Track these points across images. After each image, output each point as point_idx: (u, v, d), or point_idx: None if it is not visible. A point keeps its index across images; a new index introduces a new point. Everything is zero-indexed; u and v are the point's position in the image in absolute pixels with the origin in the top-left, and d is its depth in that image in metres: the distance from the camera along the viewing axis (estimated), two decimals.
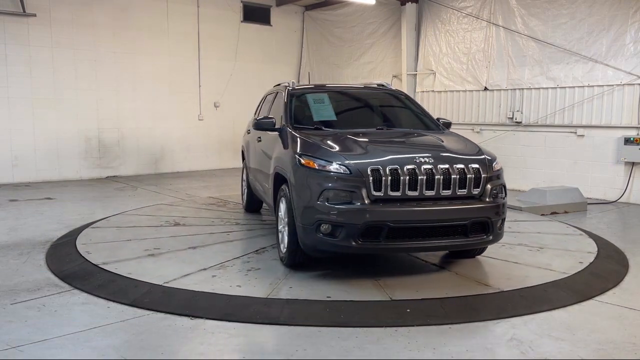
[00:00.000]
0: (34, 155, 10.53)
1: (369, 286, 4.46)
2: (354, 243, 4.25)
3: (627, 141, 8.45)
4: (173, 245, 5.64)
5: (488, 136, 10.35)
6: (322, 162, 4.45)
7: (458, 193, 4.43)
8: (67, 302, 4.12)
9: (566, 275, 4.74)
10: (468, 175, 4.44)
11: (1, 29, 9.97)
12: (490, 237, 4.58)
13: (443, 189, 4.38)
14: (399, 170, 4.31)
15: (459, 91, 10.96)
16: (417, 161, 4.38)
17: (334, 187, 4.31)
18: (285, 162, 4.91)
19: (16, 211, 7.66)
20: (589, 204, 8.27)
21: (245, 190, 7.49)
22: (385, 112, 6.27)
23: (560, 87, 9.34)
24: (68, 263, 5.07)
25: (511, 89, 10.05)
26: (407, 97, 6.51)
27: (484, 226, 4.51)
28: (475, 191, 4.49)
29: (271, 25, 13.67)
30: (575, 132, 9.20)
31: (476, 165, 4.52)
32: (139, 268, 4.83)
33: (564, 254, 5.47)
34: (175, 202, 8.30)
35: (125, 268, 4.80)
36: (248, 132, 7.32)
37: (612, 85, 8.69)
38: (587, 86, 8.99)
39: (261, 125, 5.53)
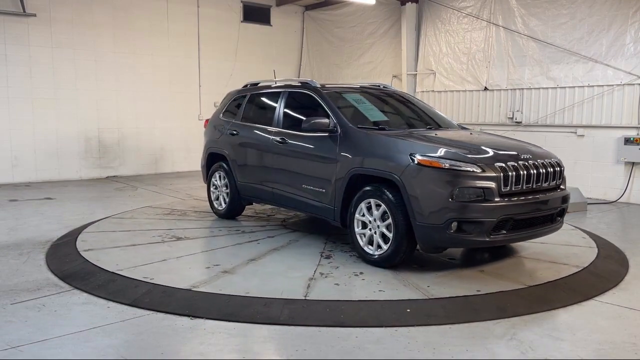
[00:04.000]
0: (34, 155, 10.53)
1: (485, 277, 4.68)
2: (487, 238, 4.46)
3: (627, 141, 8.45)
4: (226, 260, 5.10)
5: None
6: (450, 162, 4.48)
7: (551, 184, 4.90)
8: (67, 302, 4.12)
9: (566, 275, 4.74)
10: (556, 169, 4.94)
11: (1, 29, 9.97)
12: (562, 222, 5.19)
13: (545, 182, 4.82)
14: (517, 166, 4.62)
15: (459, 91, 10.96)
16: (523, 157, 4.76)
17: (468, 186, 4.41)
18: (382, 163, 4.80)
19: (16, 211, 7.66)
20: (589, 204, 8.27)
21: (226, 197, 6.90)
22: (413, 114, 6.27)
23: (560, 87, 9.34)
24: (68, 263, 5.06)
25: (511, 89, 10.05)
26: (415, 98, 6.70)
27: (562, 213, 5.08)
28: (559, 182, 5.02)
29: (271, 25, 13.67)
30: (575, 132, 9.21)
31: (556, 160, 5.05)
32: (251, 286, 4.35)
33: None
34: (127, 214, 7.26)
35: (231, 287, 4.32)
36: (232, 134, 6.81)
37: (612, 85, 8.69)
38: (587, 86, 9.00)
39: (316, 126, 5.35)
